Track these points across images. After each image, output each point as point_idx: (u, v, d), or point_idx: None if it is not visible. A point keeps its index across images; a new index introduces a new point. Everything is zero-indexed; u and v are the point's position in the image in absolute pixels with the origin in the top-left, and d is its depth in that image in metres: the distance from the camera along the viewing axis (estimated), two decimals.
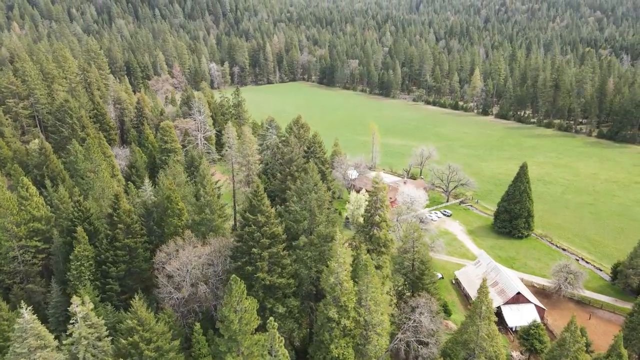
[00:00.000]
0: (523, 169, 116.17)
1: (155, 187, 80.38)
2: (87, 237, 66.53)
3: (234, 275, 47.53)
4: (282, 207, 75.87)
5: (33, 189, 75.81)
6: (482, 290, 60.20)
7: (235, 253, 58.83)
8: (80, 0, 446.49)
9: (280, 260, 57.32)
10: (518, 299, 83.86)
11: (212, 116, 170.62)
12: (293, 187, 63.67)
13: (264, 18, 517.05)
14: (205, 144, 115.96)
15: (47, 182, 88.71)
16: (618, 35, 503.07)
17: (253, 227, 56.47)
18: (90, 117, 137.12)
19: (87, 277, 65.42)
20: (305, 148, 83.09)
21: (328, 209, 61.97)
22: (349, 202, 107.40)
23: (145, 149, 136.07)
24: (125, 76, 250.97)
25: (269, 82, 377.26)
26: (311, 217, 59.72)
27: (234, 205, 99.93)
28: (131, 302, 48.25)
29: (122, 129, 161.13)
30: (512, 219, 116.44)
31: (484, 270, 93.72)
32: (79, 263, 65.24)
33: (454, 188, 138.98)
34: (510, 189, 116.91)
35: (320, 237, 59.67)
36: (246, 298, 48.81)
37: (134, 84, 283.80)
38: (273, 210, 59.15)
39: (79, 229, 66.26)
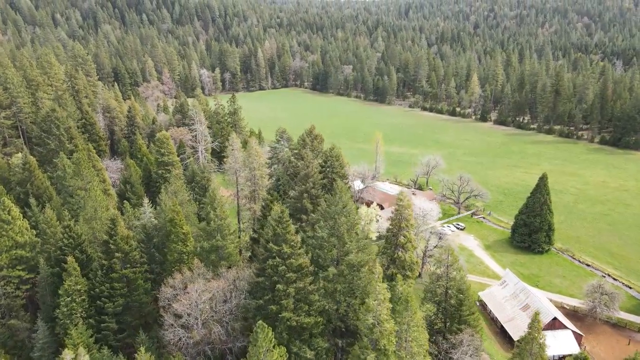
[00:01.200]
0: (543, 180, 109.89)
1: (155, 208, 72.00)
2: (78, 269, 57.96)
3: (260, 322, 39.65)
4: (298, 226, 68.20)
5: (15, 211, 66.94)
6: (534, 326, 53.10)
7: (256, 289, 50.86)
8: (65, 5, 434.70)
9: (307, 297, 49.48)
10: (554, 324, 76.92)
11: (208, 125, 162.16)
12: (319, 209, 55.98)
13: (254, 24, 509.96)
14: (213, 160, 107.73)
15: (32, 201, 79.65)
16: (608, 41, 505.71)
17: (278, 259, 48.54)
18: (78, 127, 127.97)
19: (79, 315, 56.88)
20: (321, 162, 75.61)
21: (357, 233, 54.29)
22: (357, 217, 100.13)
23: (138, 160, 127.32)
24: (114, 83, 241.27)
25: (261, 88, 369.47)
26: (340, 244, 52.05)
27: (239, 223, 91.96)
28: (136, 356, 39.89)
29: (112, 139, 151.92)
30: (531, 232, 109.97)
31: (512, 291, 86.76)
32: (69, 299, 56.69)
33: (466, 199, 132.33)
34: (529, 201, 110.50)
35: (351, 267, 51.98)
36: (274, 347, 40.85)
37: (122, 90, 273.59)
38: (298, 237, 51.29)
39: (70, 259, 57.73)
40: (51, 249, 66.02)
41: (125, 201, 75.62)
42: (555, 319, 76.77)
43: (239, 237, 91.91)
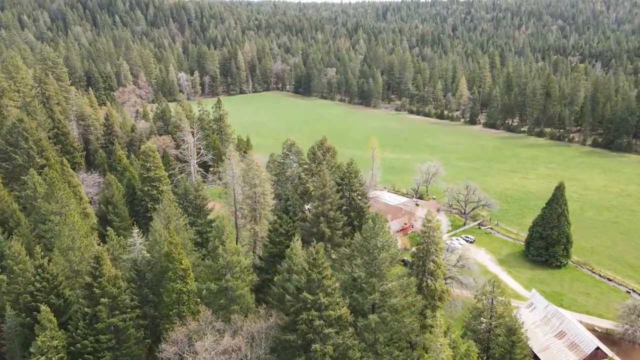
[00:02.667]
0: (560, 190, 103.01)
1: (145, 236, 61.43)
2: (54, 320, 47.07)
3: None
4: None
5: None
6: None
7: (283, 347, 41.17)
8: (32, 7, 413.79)
9: (346, 353, 40.06)
10: (596, 354, 69.32)
11: (192, 132, 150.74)
12: (354, 242, 46.64)
13: (232, 26, 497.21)
14: (200, 170, 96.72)
15: None
16: (584, 43, 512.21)
17: (313, 312, 38.98)
18: (50, 138, 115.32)
19: None
20: (338, 179, 66.26)
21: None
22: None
23: (118, 173, 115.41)
24: (88, 88, 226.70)
25: (242, 92, 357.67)
26: (381, 284, 42.87)
27: (237, 242, 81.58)
28: None
29: (88, 150, 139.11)
30: (548, 246, 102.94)
31: (542, 315, 79.04)
32: (43, 358, 45.73)
33: (473, 210, 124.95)
34: (546, 212, 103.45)
35: (394, 312, 42.78)
36: None
37: (97, 96, 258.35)
38: (336, 283, 41.70)
39: (44, 308, 46.85)
40: (20, 291, 54.71)
41: (108, 228, 64.56)
42: (598, 348, 69.18)
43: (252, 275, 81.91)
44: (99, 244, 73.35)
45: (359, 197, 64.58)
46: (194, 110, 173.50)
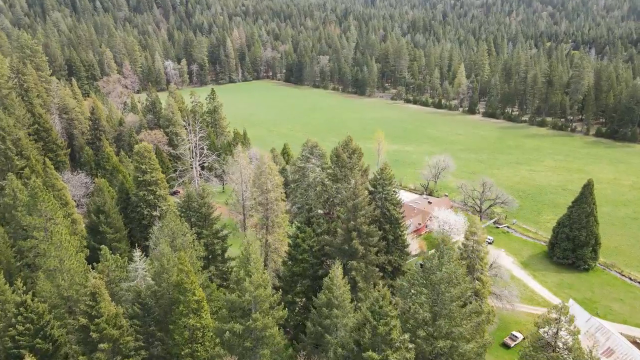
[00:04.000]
0: (589, 188, 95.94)
1: (144, 253, 52.54)
2: None
3: None
4: (348, 281, 50.36)
5: None
6: None
7: None
8: None
9: None
10: None
11: (185, 127, 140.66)
12: (415, 274, 38.43)
13: (218, 12, 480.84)
14: (203, 174, 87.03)
15: None
16: (575, 29, 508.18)
17: None
18: (30, 135, 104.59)
19: None
20: (370, 187, 57.70)
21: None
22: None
23: (107, 172, 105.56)
24: (70, 78, 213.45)
25: (231, 80, 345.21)
26: (448, 325, 34.89)
27: None
28: None
29: (73, 146, 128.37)
30: (575, 247, 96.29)
31: (584, 329, 71.92)
32: None
33: (489, 207, 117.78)
34: (574, 212, 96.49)
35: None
36: None
37: (79, 86, 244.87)
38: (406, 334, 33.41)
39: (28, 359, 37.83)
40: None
41: (102, 246, 55.29)
42: None
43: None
44: (90, 264, 64.35)
45: (394, 206, 56.57)
46: (186, 101, 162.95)
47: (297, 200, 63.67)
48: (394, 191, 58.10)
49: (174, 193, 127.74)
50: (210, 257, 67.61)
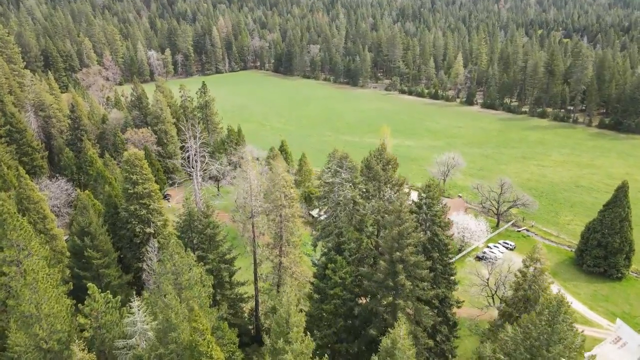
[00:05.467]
0: (623, 190, 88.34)
1: (143, 303, 42.71)
2: None
3: None
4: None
5: None
6: None
7: None
8: None
9: None
10: None
11: (175, 123, 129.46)
12: (511, 335, 29.33)
13: None
14: (203, 183, 76.61)
15: None
16: (565, 17, 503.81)
17: None
18: (0, 137, 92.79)
19: None
20: (414, 207, 48.26)
21: None
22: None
23: (90, 178, 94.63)
24: (47, 70, 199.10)
25: (218, 71, 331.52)
26: None
27: (256, 282, 64.08)
28: None
29: (51, 147, 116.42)
30: (608, 255, 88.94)
31: (638, 354, 64.61)
32: None
33: (508, 209, 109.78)
34: (606, 217, 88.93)
35: None
36: None
37: (57, 78, 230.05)
38: None
39: None
40: None
41: (89, 284, 45.14)
42: None
43: (256, 300, 64.04)
44: (74, 296, 54.28)
45: (442, 229, 47.63)
46: (174, 95, 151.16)
47: (323, 224, 54.11)
48: (442, 211, 49.19)
49: (165, 197, 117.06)
50: (216, 283, 57.91)
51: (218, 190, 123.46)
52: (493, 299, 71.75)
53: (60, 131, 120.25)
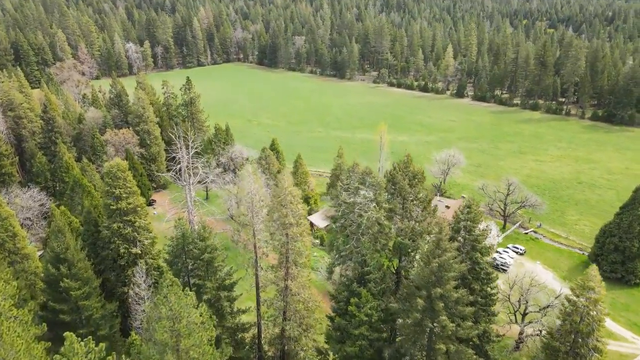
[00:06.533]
0: None
1: (127, 330, 35.42)
2: None
3: None
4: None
5: None
6: None
7: None
8: None
9: None
10: None
11: (158, 123, 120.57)
12: None
13: None
14: (197, 199, 68.38)
15: None
16: (549, 7, 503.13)
17: None
18: None
19: None
20: (450, 232, 41.53)
21: None
22: None
23: (67, 187, 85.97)
24: (15, 64, 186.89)
25: (200, 64, 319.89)
26: None
27: (258, 308, 57.32)
28: None
29: (22, 151, 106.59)
30: (625, 260, 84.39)
31: None
32: None
33: (516, 210, 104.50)
34: (624, 220, 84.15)
35: None
36: None
37: (28, 73, 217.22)
38: None
39: None
40: None
41: (67, 334, 37.50)
42: None
43: (259, 329, 57.24)
44: (50, 336, 46.66)
45: (482, 255, 41.21)
46: (156, 90, 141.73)
47: (342, 246, 47.19)
48: (483, 235, 42.74)
49: (150, 203, 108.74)
50: (215, 314, 50.65)
51: (207, 195, 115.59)
52: (515, 315, 66.03)
53: (32, 133, 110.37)
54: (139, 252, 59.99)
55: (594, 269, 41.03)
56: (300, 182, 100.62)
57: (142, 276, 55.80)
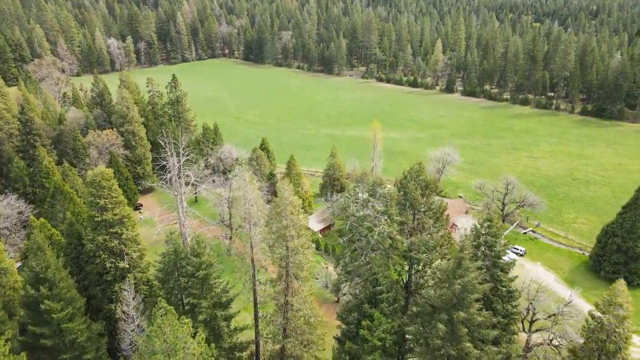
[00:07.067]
0: None
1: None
2: None
3: None
4: None
5: None
6: None
7: None
8: None
9: None
10: None
11: (143, 123, 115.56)
12: None
13: None
14: (190, 209, 64.00)
15: None
16: (534, 0, 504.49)
17: None
18: None
19: None
20: (471, 245, 38.23)
21: None
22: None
23: (45, 192, 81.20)
24: None
25: (185, 59, 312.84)
26: None
27: (256, 325, 53.89)
28: None
29: (0, 155, 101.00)
30: (628, 260, 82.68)
31: None
32: None
33: (514, 210, 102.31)
34: (627, 219, 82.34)
35: None
36: None
37: (4, 70, 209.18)
38: None
39: None
40: None
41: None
42: None
43: (257, 345, 53.83)
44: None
45: (504, 272, 38.08)
46: (140, 90, 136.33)
47: (350, 264, 43.57)
48: (504, 251, 39.62)
49: (137, 207, 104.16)
50: (211, 335, 47.12)
51: (195, 198, 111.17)
52: (523, 323, 63.47)
53: (9, 135, 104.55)
54: (127, 266, 55.93)
55: (621, 284, 38.48)
56: (294, 184, 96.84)
57: (131, 293, 51.89)
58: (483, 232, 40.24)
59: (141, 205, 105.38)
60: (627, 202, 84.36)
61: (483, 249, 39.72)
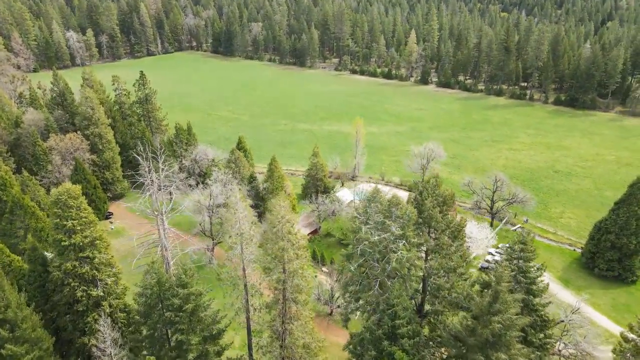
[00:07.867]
0: (638, 185, 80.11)
1: None
2: None
3: None
4: None
5: None
6: None
7: None
8: None
9: None
10: None
11: (111, 124, 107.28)
12: None
13: None
14: (172, 230, 57.53)
15: None
16: None
17: None
18: None
19: None
20: (506, 263, 33.76)
21: None
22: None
23: (4, 208, 73.53)
24: None
25: (150, 53, 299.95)
26: None
27: (250, 351, 48.82)
28: None
29: None
30: (622, 257, 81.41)
31: None
32: None
33: (504, 207, 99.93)
34: (620, 215, 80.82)
35: None
36: None
37: None
38: None
39: None
40: None
41: None
42: None
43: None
44: None
45: (535, 296, 34.20)
46: (105, 88, 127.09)
47: (362, 293, 38.53)
48: (539, 275, 35.63)
49: (107, 216, 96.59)
50: None
51: (171, 200, 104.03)
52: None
53: None
54: (101, 294, 49.62)
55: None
56: (277, 188, 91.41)
57: (108, 325, 45.72)
58: (516, 255, 36.28)
59: (111, 213, 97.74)
60: (619, 198, 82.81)
61: (518, 275, 35.70)
